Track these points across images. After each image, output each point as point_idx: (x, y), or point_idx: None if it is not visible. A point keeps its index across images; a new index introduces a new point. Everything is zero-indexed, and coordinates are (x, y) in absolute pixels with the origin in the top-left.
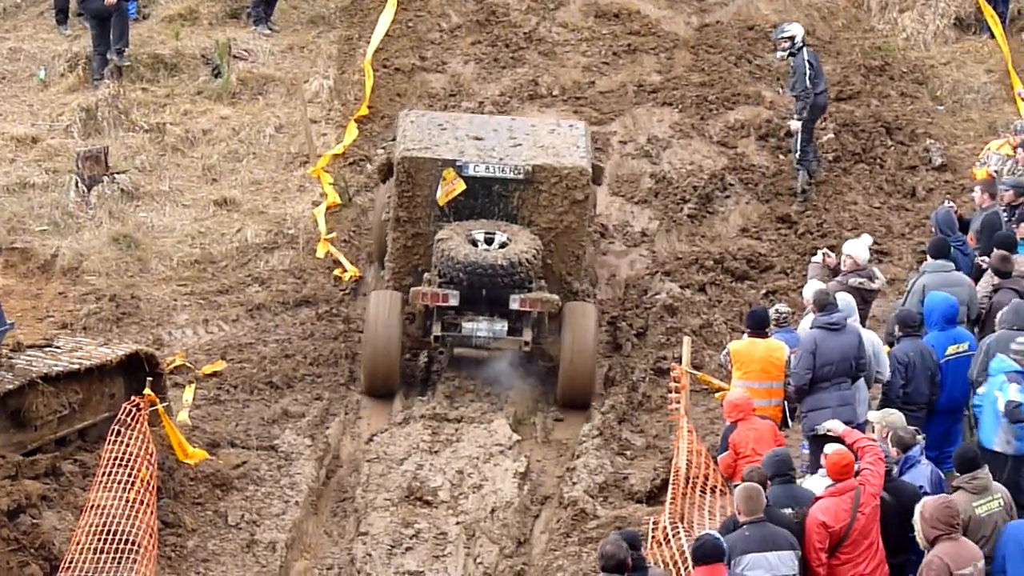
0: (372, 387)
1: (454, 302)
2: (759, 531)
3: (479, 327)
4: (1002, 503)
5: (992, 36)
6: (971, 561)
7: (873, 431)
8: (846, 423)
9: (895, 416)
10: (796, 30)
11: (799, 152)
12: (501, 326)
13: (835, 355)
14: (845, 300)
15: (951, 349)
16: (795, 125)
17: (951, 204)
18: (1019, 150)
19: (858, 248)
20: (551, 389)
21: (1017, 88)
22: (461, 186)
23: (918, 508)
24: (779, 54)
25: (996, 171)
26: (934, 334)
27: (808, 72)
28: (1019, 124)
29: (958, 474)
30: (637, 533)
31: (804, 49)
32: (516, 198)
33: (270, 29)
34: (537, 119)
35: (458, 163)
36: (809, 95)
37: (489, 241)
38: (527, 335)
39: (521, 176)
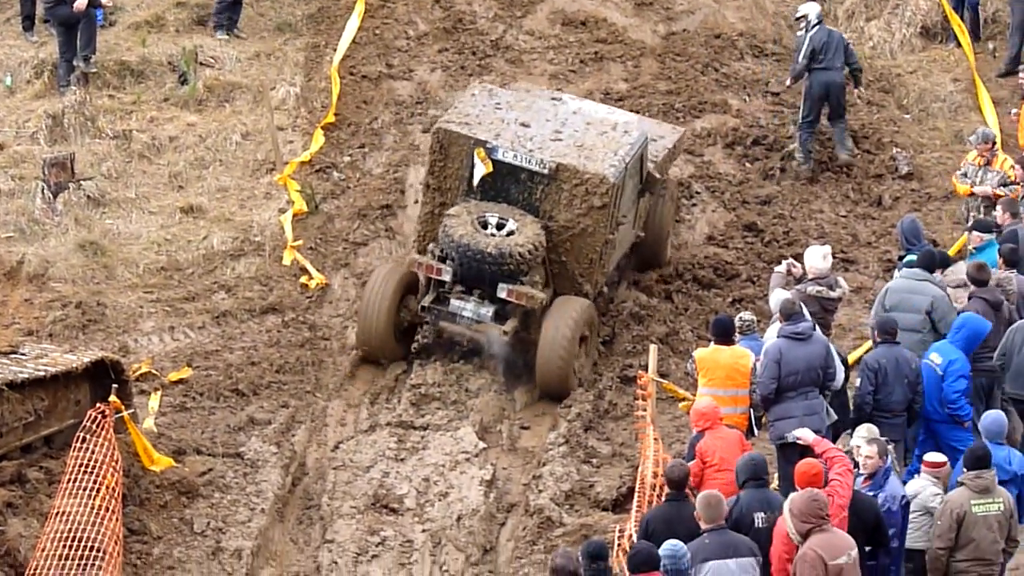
0: (365, 350)
1: (447, 277)
2: (719, 538)
3: (466, 307)
4: (1002, 508)
5: (959, 45)
6: (844, 551)
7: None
8: (814, 432)
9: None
10: (809, 9)
11: (800, 120)
12: (487, 310)
13: (801, 364)
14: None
15: None
16: (786, 83)
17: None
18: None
19: (813, 257)
20: (522, 391)
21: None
22: (489, 167)
23: (786, 504)
24: (798, 33)
25: (972, 183)
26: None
27: (805, 48)
28: (982, 132)
29: (966, 470)
30: (604, 542)
31: (820, 27)
32: (540, 191)
33: (236, 36)
34: (607, 114)
35: (489, 145)
36: (795, 70)
37: (500, 227)
38: (509, 325)
39: (545, 171)
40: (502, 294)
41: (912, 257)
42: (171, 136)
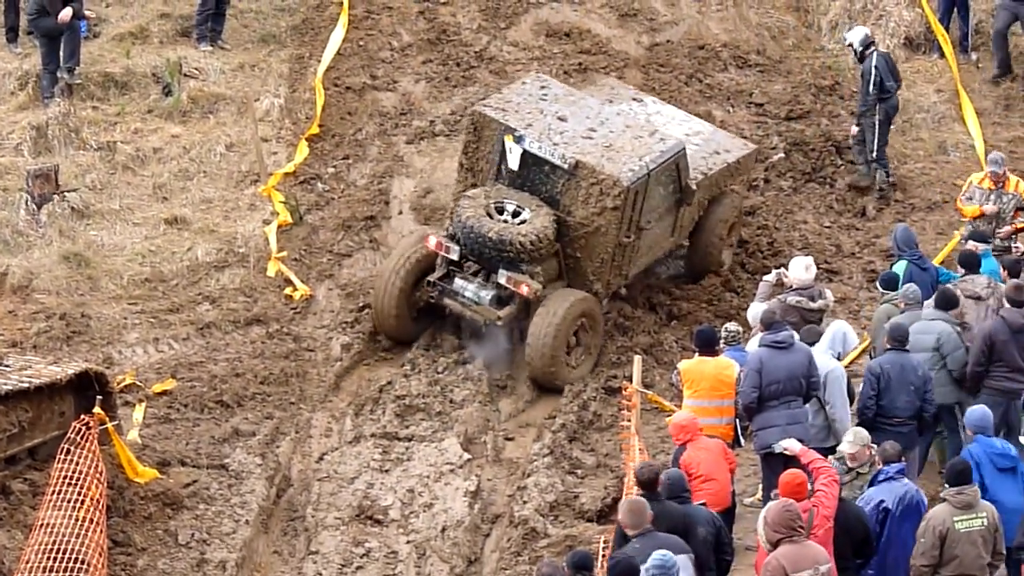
0: (378, 325)
1: (454, 256)
2: (649, 541)
3: (467, 287)
4: (986, 522)
5: (942, 56)
6: (812, 564)
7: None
8: (799, 441)
9: (863, 434)
10: (854, 36)
11: (876, 151)
12: (487, 294)
13: (782, 373)
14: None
15: None
16: (853, 130)
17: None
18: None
19: (796, 268)
20: (507, 402)
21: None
22: (516, 160)
23: (762, 512)
24: (853, 60)
25: (983, 207)
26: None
27: (872, 77)
28: (996, 157)
29: (947, 486)
30: (589, 553)
31: (874, 53)
32: (561, 185)
33: (220, 47)
34: (684, 121)
35: (517, 133)
36: (867, 102)
37: (516, 214)
38: (505, 311)
39: (565, 166)
40: (501, 279)
41: (898, 267)
42: (155, 147)
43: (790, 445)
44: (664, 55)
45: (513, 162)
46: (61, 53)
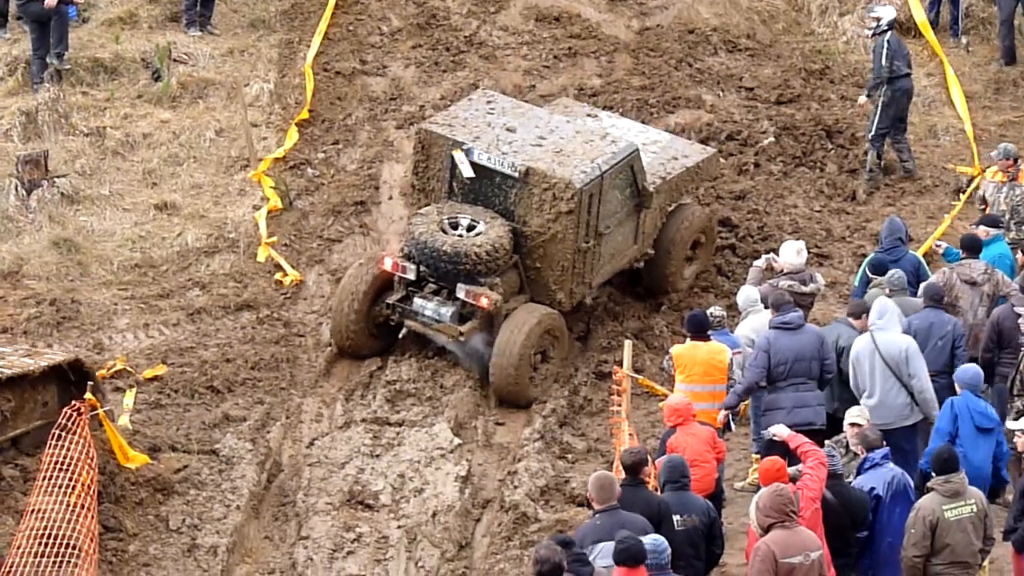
0: (338, 343)
1: (410, 275)
2: (611, 519)
3: (427, 306)
4: (975, 509)
5: (923, 39)
6: (802, 551)
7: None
8: (805, 425)
9: (867, 412)
10: (885, 13)
11: (872, 132)
12: (448, 310)
13: (789, 354)
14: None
15: None
16: (861, 99)
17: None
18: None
19: (787, 252)
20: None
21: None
22: (468, 169)
23: (755, 498)
24: (866, 31)
25: (991, 199)
26: None
27: (884, 52)
28: (1004, 148)
29: (934, 475)
30: (568, 536)
31: (890, 33)
32: (514, 195)
33: (210, 32)
34: (640, 132)
35: (465, 146)
36: (881, 76)
37: (471, 228)
38: (467, 326)
39: (515, 174)
40: (460, 294)
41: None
42: (145, 133)
43: (779, 431)
44: (654, 39)
45: (467, 171)
46: (50, 39)
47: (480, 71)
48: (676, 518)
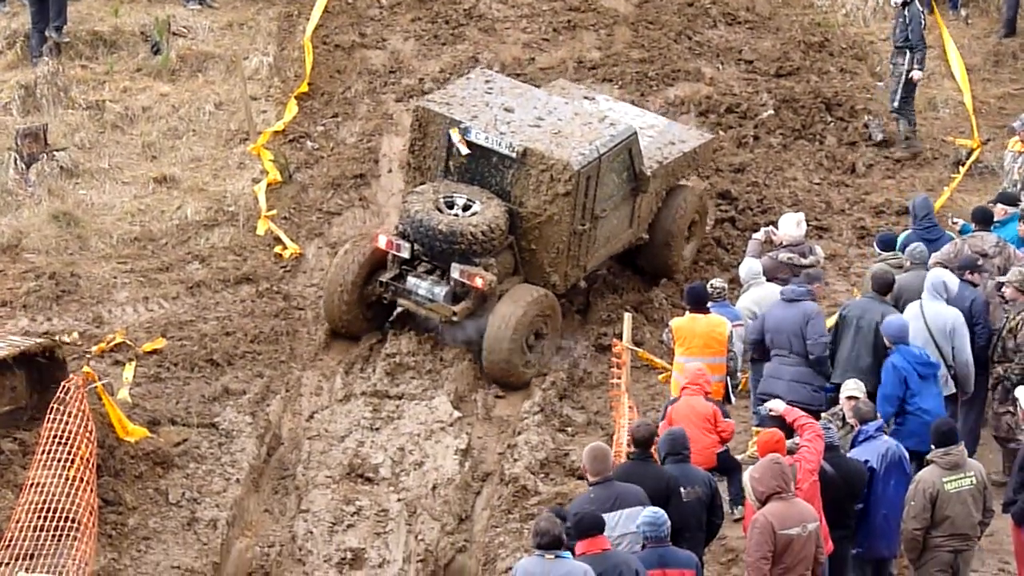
0: (330, 322)
1: (405, 254)
2: (605, 491)
3: (421, 284)
4: (975, 481)
5: (931, 11)
6: (800, 522)
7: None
8: (803, 403)
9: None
10: None
11: (900, 101)
12: (441, 290)
13: (775, 324)
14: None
15: None
16: (918, 75)
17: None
18: None
19: (787, 224)
20: None
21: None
22: (465, 148)
23: (750, 470)
24: (893, 2)
25: (1007, 168)
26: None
27: (923, 20)
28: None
29: (934, 447)
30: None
31: (917, 1)
32: (511, 175)
33: (209, 6)
34: (637, 116)
35: (463, 125)
36: (927, 45)
37: (467, 208)
38: (461, 306)
39: (513, 155)
40: (455, 274)
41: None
42: (144, 106)
43: (775, 406)
44: (653, 12)
45: (463, 150)
46: (50, 12)
47: (479, 44)
48: (681, 490)
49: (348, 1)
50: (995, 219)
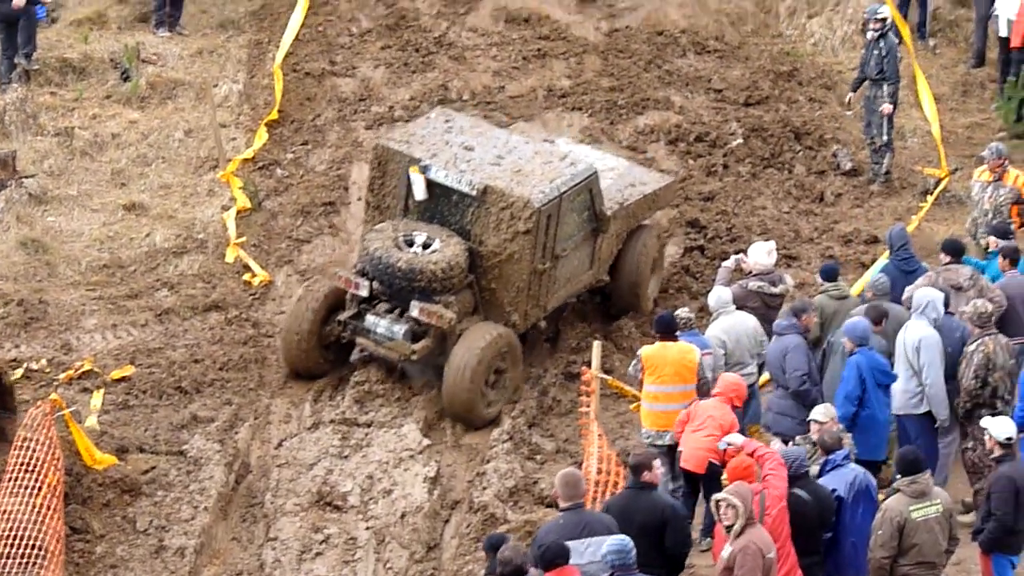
0: (287, 362)
1: (363, 292)
2: (574, 518)
3: (380, 323)
4: (941, 509)
5: (900, 41)
6: (771, 548)
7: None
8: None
9: (833, 411)
10: (888, 13)
11: (887, 135)
12: (401, 328)
13: (768, 359)
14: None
15: None
16: (888, 108)
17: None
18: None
19: (757, 253)
20: None
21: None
22: (421, 191)
23: (715, 497)
24: (869, 34)
25: (975, 198)
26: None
27: (899, 55)
28: (995, 147)
29: (900, 476)
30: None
31: (892, 33)
32: (471, 214)
33: (179, 33)
34: (598, 159)
35: (423, 163)
36: (901, 78)
37: (426, 246)
38: (420, 345)
39: (473, 192)
40: (414, 312)
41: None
42: (113, 133)
43: (733, 439)
44: (623, 41)
45: (419, 193)
46: (19, 39)
47: (449, 72)
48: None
49: (318, 29)
50: (988, 250)
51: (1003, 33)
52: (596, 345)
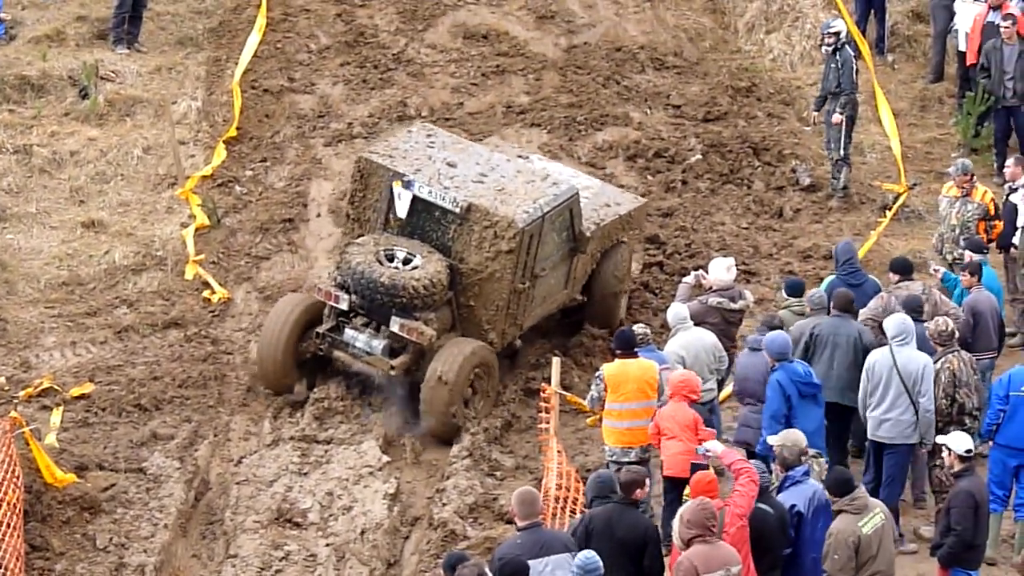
0: (264, 379)
1: (343, 305)
2: (532, 537)
3: (358, 337)
4: (883, 516)
5: (859, 56)
6: (722, 565)
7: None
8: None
9: (794, 436)
10: (841, 26)
11: (843, 149)
12: (380, 343)
13: (747, 373)
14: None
15: None
16: (838, 118)
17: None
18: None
19: (717, 269)
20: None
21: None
22: (404, 208)
23: (679, 511)
24: (824, 49)
25: (943, 214)
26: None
27: (853, 66)
28: (961, 163)
29: (836, 499)
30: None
31: (847, 46)
32: (453, 231)
33: (137, 50)
34: (571, 176)
35: (406, 178)
36: (857, 90)
37: (407, 261)
38: (399, 360)
39: (457, 210)
40: (394, 327)
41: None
42: (72, 151)
43: (712, 447)
44: (582, 57)
45: (402, 209)
46: None
47: (408, 89)
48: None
49: (277, 46)
50: (956, 263)
51: (962, 48)
52: (555, 361)
